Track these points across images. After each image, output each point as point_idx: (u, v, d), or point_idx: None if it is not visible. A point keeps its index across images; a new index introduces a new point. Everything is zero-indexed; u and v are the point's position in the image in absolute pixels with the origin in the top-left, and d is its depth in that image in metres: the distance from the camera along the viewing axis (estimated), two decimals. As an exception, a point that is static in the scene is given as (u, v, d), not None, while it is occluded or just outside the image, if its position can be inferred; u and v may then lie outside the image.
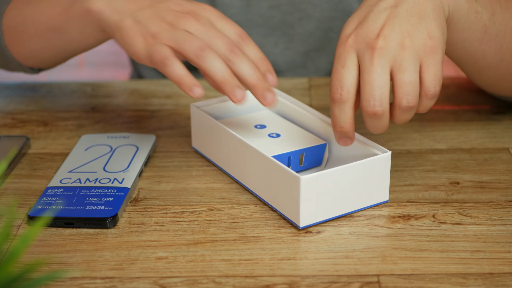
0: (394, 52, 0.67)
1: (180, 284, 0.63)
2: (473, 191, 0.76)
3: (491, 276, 0.63)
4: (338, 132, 0.70)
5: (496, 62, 0.80)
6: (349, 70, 0.68)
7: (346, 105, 0.68)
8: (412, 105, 0.67)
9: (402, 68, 0.67)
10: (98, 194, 0.74)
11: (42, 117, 0.93)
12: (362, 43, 0.68)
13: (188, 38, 0.69)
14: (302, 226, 0.69)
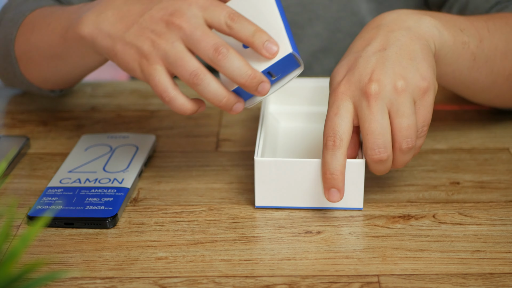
0: (390, 96, 0.67)
1: (180, 284, 0.63)
2: (474, 191, 0.76)
3: (492, 276, 0.63)
4: (328, 180, 0.68)
5: (488, 85, 0.81)
6: (342, 117, 0.68)
7: (339, 152, 0.68)
8: (411, 146, 0.68)
9: (400, 113, 0.67)
10: (98, 194, 0.74)
11: (42, 117, 0.93)
12: (355, 89, 0.68)
13: (179, 62, 0.68)
14: (257, 205, 0.72)
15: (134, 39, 0.70)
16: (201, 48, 0.68)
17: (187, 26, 0.68)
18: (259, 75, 0.68)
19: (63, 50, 0.80)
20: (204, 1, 0.69)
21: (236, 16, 0.68)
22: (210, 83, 0.68)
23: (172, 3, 0.69)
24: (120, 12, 0.72)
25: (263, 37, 0.68)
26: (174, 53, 0.68)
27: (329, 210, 0.72)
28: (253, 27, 0.68)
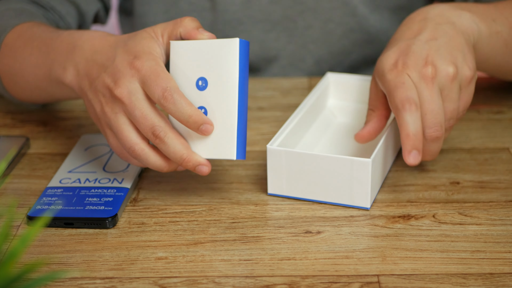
0: (444, 81, 0.72)
1: (180, 284, 0.63)
2: (473, 191, 0.76)
3: (492, 276, 0.63)
4: (411, 141, 0.71)
5: None
6: (410, 86, 0.72)
7: (418, 114, 0.71)
8: (450, 127, 0.75)
9: (449, 98, 0.73)
10: (97, 194, 0.74)
11: (42, 117, 0.93)
12: (414, 71, 0.72)
13: (120, 135, 0.71)
14: (269, 192, 0.75)
15: (91, 99, 0.74)
16: (140, 129, 0.71)
17: (127, 102, 0.70)
18: (195, 159, 0.71)
19: (47, 86, 0.82)
20: (146, 70, 0.70)
21: (169, 95, 0.69)
22: (148, 158, 0.72)
23: (119, 68, 0.71)
24: (87, 66, 0.75)
25: (198, 121, 0.70)
26: (116, 125, 0.71)
27: (330, 209, 0.72)
28: (188, 110, 0.69)
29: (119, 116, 0.71)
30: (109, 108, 0.71)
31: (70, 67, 0.76)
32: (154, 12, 1.07)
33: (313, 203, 0.74)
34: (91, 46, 0.76)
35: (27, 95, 0.88)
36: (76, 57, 0.76)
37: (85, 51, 0.76)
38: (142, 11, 1.07)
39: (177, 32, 0.73)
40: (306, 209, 0.73)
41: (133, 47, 0.72)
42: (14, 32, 0.87)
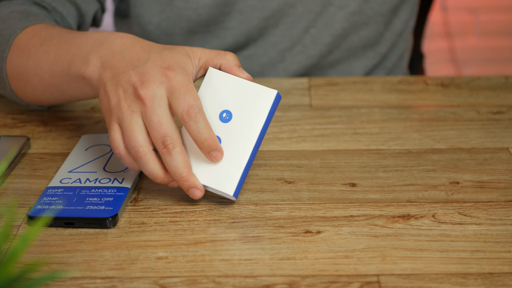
0: None
1: (180, 284, 0.63)
2: (473, 191, 0.76)
3: (491, 276, 0.63)
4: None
5: None
6: None
7: None
8: None
9: None
10: (98, 194, 0.74)
11: (42, 117, 0.93)
12: None
13: (128, 132, 0.71)
14: None
15: (109, 90, 0.73)
16: (152, 134, 0.71)
17: (149, 105, 0.71)
18: (193, 181, 0.71)
19: (63, 83, 0.82)
20: (177, 83, 0.71)
21: (194, 113, 0.70)
22: (148, 163, 0.71)
23: (149, 72, 0.72)
24: (113, 59, 0.75)
25: (212, 146, 0.71)
26: (129, 122, 0.71)
27: (330, 209, 0.72)
28: (206, 133, 0.71)
29: (134, 115, 0.71)
30: (126, 104, 0.72)
31: (94, 59, 0.76)
32: (150, 13, 1.07)
33: (313, 203, 0.74)
34: (121, 44, 0.77)
35: (39, 95, 0.88)
36: (102, 51, 0.76)
37: (114, 46, 0.76)
38: (137, 12, 1.08)
39: (218, 63, 0.75)
40: (306, 209, 0.73)
41: (168, 57, 0.74)
42: (26, 33, 0.87)
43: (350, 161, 0.81)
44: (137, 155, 0.71)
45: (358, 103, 0.95)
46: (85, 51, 0.78)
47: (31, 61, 0.85)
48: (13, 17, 0.90)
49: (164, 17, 1.06)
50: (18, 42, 0.86)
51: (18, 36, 0.87)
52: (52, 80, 0.83)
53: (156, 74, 0.72)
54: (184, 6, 1.06)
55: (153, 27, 1.08)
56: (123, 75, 0.73)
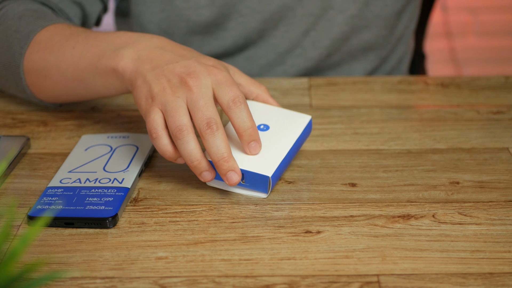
0: None
1: (180, 284, 0.63)
2: (473, 191, 0.76)
3: (491, 276, 0.63)
4: None
5: None
6: None
7: None
8: None
9: None
10: (98, 194, 0.74)
11: (42, 117, 0.93)
12: None
13: (173, 112, 0.72)
14: None
15: (151, 80, 0.75)
16: (197, 116, 0.72)
17: (196, 91, 0.73)
18: (233, 163, 0.72)
19: (88, 77, 0.83)
20: (223, 77, 0.74)
21: (239, 101, 0.73)
22: (190, 142, 0.72)
23: (195, 65, 0.75)
24: (153, 53, 0.77)
25: (253, 135, 0.73)
26: (175, 104, 0.73)
27: (330, 209, 0.72)
28: (249, 122, 0.73)
29: (179, 100, 0.73)
30: (171, 90, 0.73)
31: (129, 52, 0.77)
32: (151, 12, 1.07)
33: (313, 203, 0.74)
34: (158, 41, 0.79)
35: (58, 90, 0.88)
36: (139, 45, 0.78)
37: (151, 42, 0.78)
38: (138, 11, 1.08)
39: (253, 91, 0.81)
40: (306, 209, 0.73)
41: (211, 59, 0.77)
42: (48, 31, 0.87)
43: (350, 161, 0.81)
44: (181, 133, 0.71)
45: (358, 103, 0.95)
46: (118, 45, 0.79)
47: (54, 56, 0.85)
48: (29, 15, 0.90)
49: (164, 16, 1.06)
50: (39, 39, 0.87)
51: (39, 33, 0.87)
52: (76, 73, 0.83)
53: (202, 68, 0.74)
54: (184, 5, 1.06)
55: (153, 26, 1.08)
56: (166, 66, 0.75)
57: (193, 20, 1.06)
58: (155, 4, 1.06)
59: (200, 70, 0.74)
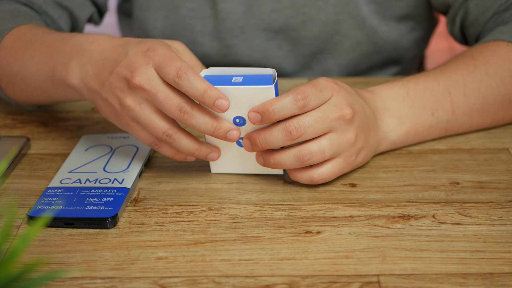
0: (342, 129, 0.73)
1: (180, 284, 0.63)
2: (473, 191, 0.76)
3: (491, 276, 0.63)
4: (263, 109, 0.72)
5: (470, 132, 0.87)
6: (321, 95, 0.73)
7: None
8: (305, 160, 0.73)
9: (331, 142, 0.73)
10: (98, 194, 0.74)
11: (42, 118, 0.93)
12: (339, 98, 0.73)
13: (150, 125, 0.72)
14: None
15: (108, 97, 0.74)
16: (166, 110, 0.71)
17: (148, 88, 0.72)
18: (225, 125, 0.72)
19: (48, 87, 0.83)
20: (159, 57, 0.72)
21: (183, 73, 0.70)
22: (182, 140, 0.73)
23: (133, 60, 0.73)
24: (97, 66, 0.76)
25: (213, 95, 0.70)
26: (143, 115, 0.73)
27: (330, 209, 0.72)
28: (203, 85, 0.70)
29: (143, 106, 0.72)
30: (130, 100, 0.72)
31: (75, 68, 0.77)
32: (154, 18, 1.06)
33: (313, 204, 0.74)
34: (98, 47, 0.77)
35: (26, 96, 0.88)
36: (82, 58, 0.77)
37: (93, 52, 0.77)
38: (142, 17, 1.07)
39: None
40: (306, 209, 0.73)
41: (146, 42, 0.75)
42: (12, 34, 0.87)
43: (350, 162, 0.81)
44: (170, 137, 0.72)
45: (358, 103, 0.95)
46: (65, 58, 0.79)
47: (17, 65, 0.85)
48: (2, 17, 0.90)
49: (168, 23, 1.06)
50: (5, 44, 0.87)
51: (5, 38, 0.87)
52: (37, 84, 0.84)
53: (140, 59, 0.73)
54: (189, 15, 1.05)
55: (157, 32, 1.07)
56: (112, 76, 0.74)
57: (197, 30, 1.06)
58: (160, 10, 1.06)
59: (140, 63, 0.72)
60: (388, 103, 0.81)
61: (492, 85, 0.83)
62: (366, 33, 1.05)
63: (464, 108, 0.83)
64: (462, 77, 0.83)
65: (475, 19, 0.92)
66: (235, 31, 1.05)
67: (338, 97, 0.73)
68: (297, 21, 1.04)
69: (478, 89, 0.83)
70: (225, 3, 1.03)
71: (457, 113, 0.82)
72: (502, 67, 0.84)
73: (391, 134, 0.80)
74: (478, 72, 0.83)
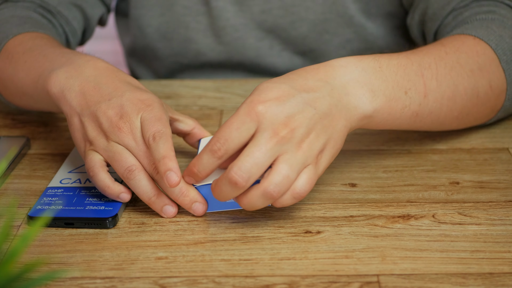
0: (290, 148, 0.66)
1: (180, 284, 0.63)
2: (473, 191, 0.76)
3: (491, 276, 0.63)
4: (190, 173, 0.69)
5: (436, 127, 0.81)
6: (240, 132, 0.67)
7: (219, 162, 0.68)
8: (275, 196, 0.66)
9: (288, 163, 0.66)
10: (98, 194, 0.74)
11: (42, 118, 0.93)
12: (268, 121, 0.66)
13: (118, 157, 0.70)
14: None
15: (86, 122, 0.73)
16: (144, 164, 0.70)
17: (132, 138, 0.71)
18: (163, 199, 0.70)
19: (34, 93, 0.82)
20: (151, 114, 0.71)
21: (158, 136, 0.70)
22: (142, 180, 0.70)
23: (128, 103, 0.72)
24: (86, 85, 0.74)
25: (167, 165, 0.69)
26: (114, 149, 0.71)
27: (330, 209, 0.72)
28: (164, 152, 0.69)
29: (119, 145, 0.71)
30: (106, 137, 0.71)
31: (61, 77, 0.75)
32: (150, 16, 1.07)
33: (313, 203, 0.74)
34: (93, 68, 0.76)
35: (17, 101, 0.88)
36: (72, 71, 0.76)
37: (86, 69, 0.76)
38: (137, 14, 1.08)
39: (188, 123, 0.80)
40: (306, 209, 0.73)
41: (146, 92, 0.74)
42: (16, 40, 0.87)
43: (350, 161, 0.81)
44: (131, 173, 0.70)
45: (358, 103, 0.95)
46: (55, 66, 0.77)
47: (10, 68, 0.85)
48: (11, 22, 0.90)
49: (163, 20, 1.06)
50: (7, 48, 0.87)
51: (8, 42, 0.87)
52: (24, 89, 0.83)
53: (133, 106, 0.72)
54: (184, 12, 1.05)
55: (152, 30, 1.07)
56: (99, 106, 0.72)
57: (192, 27, 1.06)
58: (155, 8, 1.06)
59: (132, 109, 0.71)
60: (358, 74, 0.72)
61: (462, 75, 0.79)
62: (355, 30, 1.06)
63: (435, 94, 0.77)
64: (435, 61, 0.78)
65: (434, 13, 0.92)
66: (228, 29, 1.05)
67: (266, 121, 0.66)
68: (286, 21, 1.05)
69: (450, 75, 0.78)
70: (217, 1, 1.04)
71: (428, 97, 0.77)
72: (471, 58, 0.80)
73: (365, 107, 0.71)
74: (449, 58, 0.79)
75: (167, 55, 1.10)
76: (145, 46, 1.11)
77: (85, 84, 0.74)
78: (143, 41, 1.10)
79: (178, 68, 1.12)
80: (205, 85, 1.01)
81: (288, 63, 1.08)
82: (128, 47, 1.16)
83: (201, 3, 1.05)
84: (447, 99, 0.78)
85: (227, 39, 1.06)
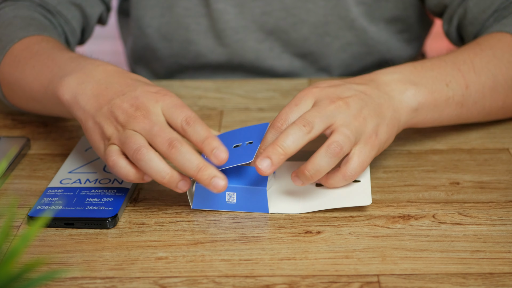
0: (347, 116, 0.72)
1: (180, 284, 0.63)
2: (473, 191, 0.76)
3: (491, 276, 0.63)
4: None
5: (483, 117, 0.86)
6: (299, 107, 0.74)
7: None
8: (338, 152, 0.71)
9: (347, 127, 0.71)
10: (98, 195, 0.74)
11: (42, 118, 0.93)
12: (324, 94, 0.74)
13: (128, 139, 0.69)
14: None
15: (102, 121, 0.72)
16: (157, 142, 0.69)
17: (147, 121, 0.70)
18: (212, 170, 0.68)
19: (42, 98, 0.81)
20: (170, 101, 0.72)
21: (192, 120, 0.70)
22: (152, 159, 0.68)
23: (142, 95, 0.72)
24: (98, 88, 0.74)
25: (212, 144, 0.69)
26: (127, 135, 0.70)
27: (330, 209, 0.72)
28: (205, 133, 0.70)
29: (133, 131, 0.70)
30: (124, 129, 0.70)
31: (72, 83, 0.76)
32: (150, 16, 1.07)
33: (313, 203, 0.74)
34: (104, 71, 0.76)
35: (24, 105, 0.88)
36: (83, 76, 0.76)
37: (97, 73, 0.76)
38: (138, 15, 1.08)
39: None
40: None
41: (155, 86, 0.74)
42: (22, 43, 0.87)
43: (350, 162, 0.81)
44: (140, 153, 0.68)
45: (358, 103, 0.95)
46: (65, 72, 0.77)
47: (17, 72, 0.85)
48: (15, 24, 0.90)
49: (164, 21, 1.06)
50: (13, 51, 0.87)
51: (14, 46, 0.87)
52: (32, 93, 0.83)
53: (149, 96, 0.72)
54: (184, 13, 1.05)
55: (152, 31, 1.07)
56: (113, 102, 0.72)
57: (192, 29, 1.06)
58: (155, 9, 1.06)
59: (148, 99, 0.71)
60: (397, 75, 0.79)
61: (500, 66, 0.83)
62: (356, 34, 1.05)
63: (476, 85, 0.81)
64: (469, 58, 0.82)
65: (475, 18, 0.92)
66: (228, 31, 1.05)
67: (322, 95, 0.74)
68: (287, 23, 1.04)
69: (487, 68, 0.82)
70: (217, 3, 1.04)
71: (470, 88, 0.81)
72: (508, 52, 0.84)
73: (410, 101, 0.78)
74: (484, 54, 0.83)
75: (167, 56, 1.10)
76: (145, 47, 1.11)
77: (97, 87, 0.74)
78: (143, 42, 1.10)
79: (178, 69, 1.12)
80: (205, 85, 1.01)
81: (288, 65, 1.08)
82: (129, 47, 1.17)
83: (201, 4, 1.05)
84: (489, 89, 0.82)
85: (227, 41, 1.06)
